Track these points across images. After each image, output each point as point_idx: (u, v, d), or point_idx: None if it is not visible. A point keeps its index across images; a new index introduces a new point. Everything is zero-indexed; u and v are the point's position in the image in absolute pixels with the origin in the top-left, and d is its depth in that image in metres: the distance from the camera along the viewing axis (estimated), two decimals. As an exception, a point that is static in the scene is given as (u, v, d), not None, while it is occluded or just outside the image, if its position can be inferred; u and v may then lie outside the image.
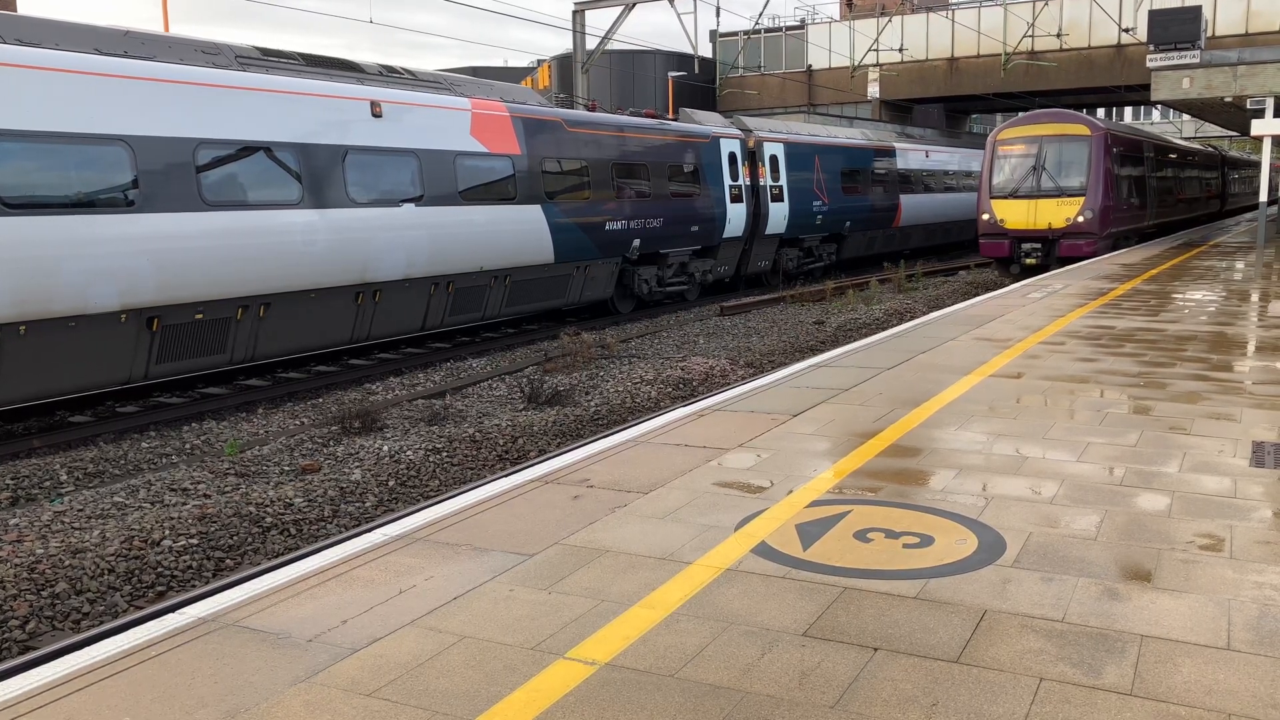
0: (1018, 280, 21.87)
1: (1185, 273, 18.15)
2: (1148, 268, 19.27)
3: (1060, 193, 23.06)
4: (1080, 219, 22.79)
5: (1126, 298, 14.40)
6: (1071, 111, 23.82)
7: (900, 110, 44.06)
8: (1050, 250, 23.20)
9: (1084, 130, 23.21)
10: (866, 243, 29.85)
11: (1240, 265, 19.60)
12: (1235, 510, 5.11)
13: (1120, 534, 4.79)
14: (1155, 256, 22.18)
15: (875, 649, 3.65)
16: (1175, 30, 21.32)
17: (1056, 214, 23.05)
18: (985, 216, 23.96)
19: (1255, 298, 14.27)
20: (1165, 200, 30.36)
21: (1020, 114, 23.83)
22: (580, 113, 19.52)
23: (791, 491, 5.52)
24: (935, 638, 3.73)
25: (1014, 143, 23.90)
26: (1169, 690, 3.32)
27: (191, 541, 7.54)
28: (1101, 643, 3.67)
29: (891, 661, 3.55)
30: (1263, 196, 24.17)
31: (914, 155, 31.77)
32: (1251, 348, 10.10)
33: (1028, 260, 23.25)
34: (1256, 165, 57.41)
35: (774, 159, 25.20)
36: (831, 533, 4.86)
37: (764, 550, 4.65)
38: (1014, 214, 23.48)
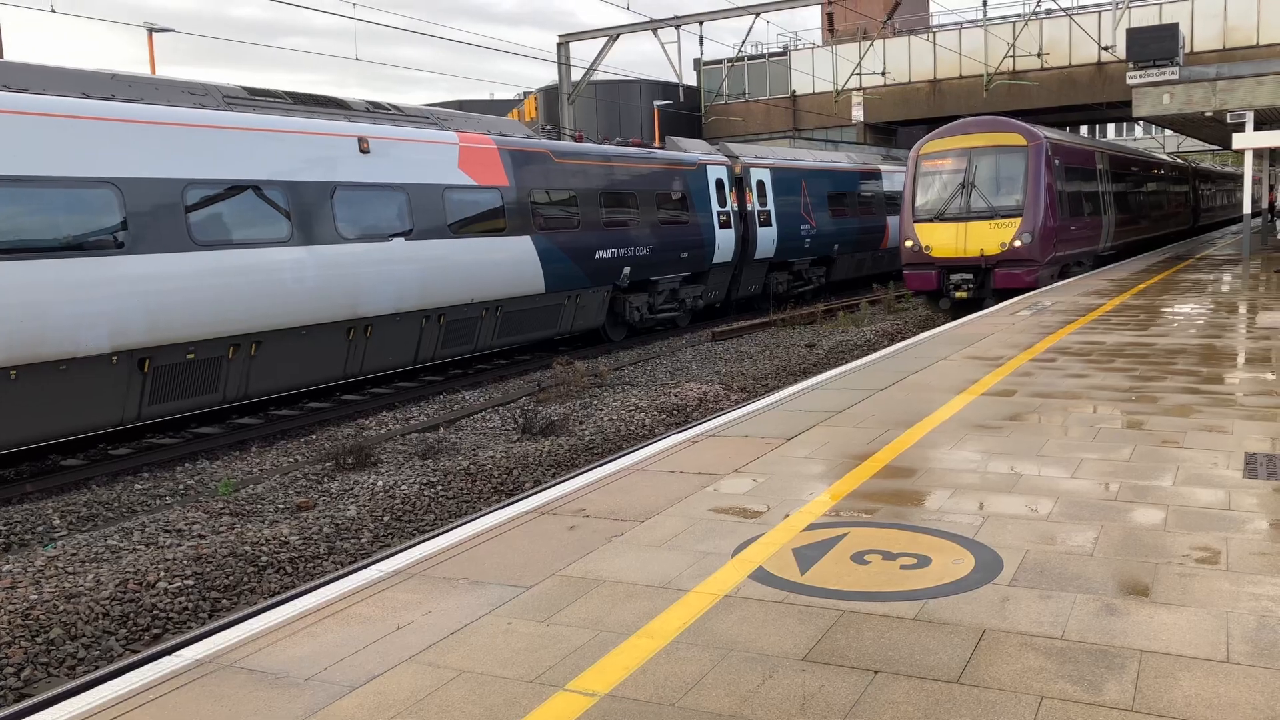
0: (952, 315, 20.35)
1: (1173, 287, 18.25)
2: (1135, 283, 19.37)
3: (994, 213, 19.79)
4: (1017, 243, 19.50)
5: (1115, 313, 14.46)
6: (1005, 119, 20.67)
7: (885, 133, 44.38)
8: (985, 281, 20.00)
9: (1019, 140, 20.05)
10: (855, 265, 29.99)
11: (1227, 278, 19.73)
12: (1230, 522, 5.12)
13: (1117, 549, 4.79)
14: (1141, 272, 22.29)
15: (875, 671, 3.64)
16: (1154, 47, 21.56)
17: (990, 238, 19.74)
18: (908, 243, 20.66)
19: (1243, 309, 14.34)
20: (1125, 219, 27.10)
21: (947, 124, 21.19)
22: (567, 144, 19.63)
23: (788, 515, 5.52)
24: (935, 658, 3.72)
25: (939, 157, 20.63)
26: (1170, 705, 3.32)
27: (187, 583, 7.50)
28: (1101, 659, 3.66)
29: (892, 684, 3.54)
30: (1246, 209, 24.34)
31: (899, 177, 31.99)
32: (1241, 359, 10.14)
33: (958, 293, 19.99)
34: (1232, 178, 57.08)
35: (761, 184, 25.34)
36: (829, 556, 4.86)
37: (762, 575, 4.64)
38: (941, 239, 20.15)
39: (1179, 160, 40.00)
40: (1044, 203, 19.72)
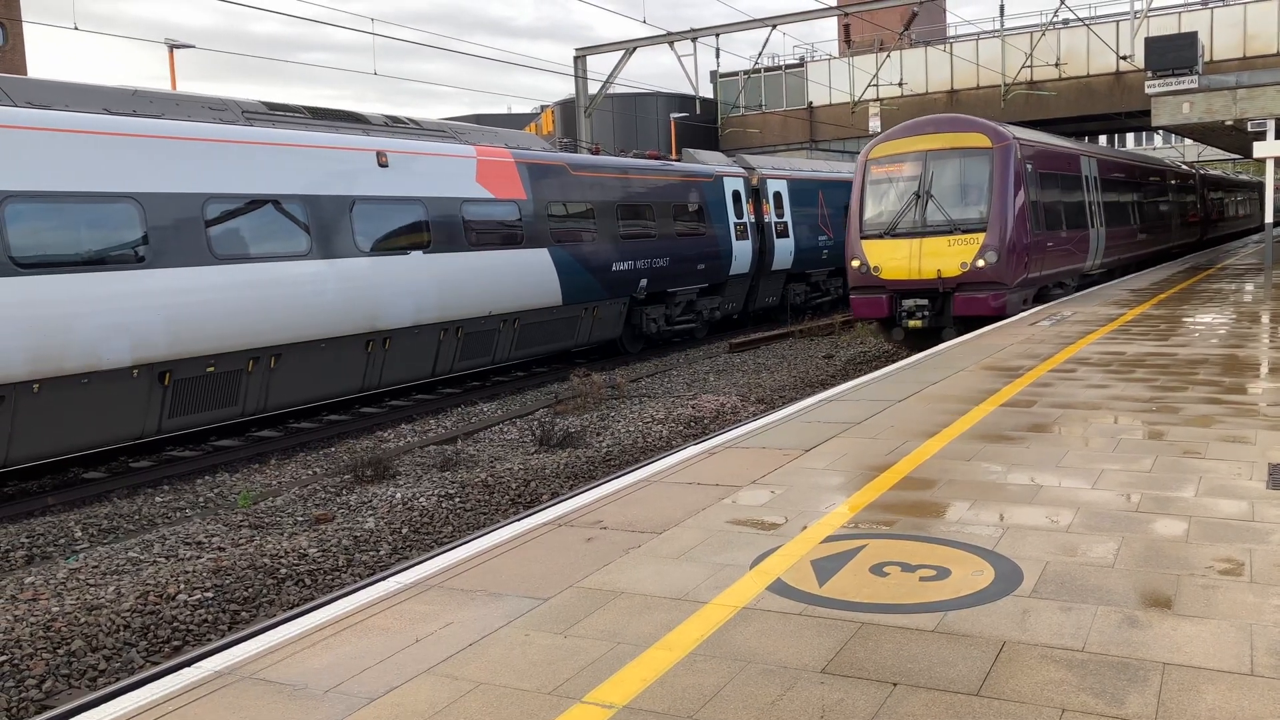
0: (907, 348, 17.82)
1: (1194, 296, 18.12)
2: (1156, 292, 19.24)
3: (953, 228, 16.70)
4: (980, 263, 16.39)
5: (1136, 323, 14.37)
6: (968, 117, 17.68)
7: (902, 143, 44.20)
8: (944, 307, 17.00)
9: (983, 141, 17.04)
10: None
11: (1249, 288, 19.57)
12: (1254, 533, 5.07)
13: (1138, 560, 4.75)
14: (1162, 281, 22.13)
15: (895, 684, 3.62)
16: (1172, 56, 21.44)
17: (948, 257, 16.65)
18: (855, 263, 17.54)
19: (1265, 319, 14.22)
20: (1119, 233, 23.86)
21: (900, 124, 18.36)
22: (584, 156, 19.69)
23: (806, 527, 5.50)
24: (955, 671, 3.70)
25: (891, 161, 17.60)
26: (1193, 718, 3.28)
27: (206, 595, 7.53)
28: (1123, 671, 3.63)
29: (912, 696, 3.52)
30: (1268, 218, 24.14)
31: None
32: (1264, 370, 10.06)
33: (911, 322, 16.96)
34: (1248, 186, 52.97)
35: (778, 195, 25.34)
36: (847, 568, 4.84)
37: (780, 587, 4.62)
38: (892, 259, 17.12)
39: (1185, 166, 35.86)
40: (1013, 215, 16.71)
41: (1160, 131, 51.32)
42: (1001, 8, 36.24)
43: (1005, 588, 4.49)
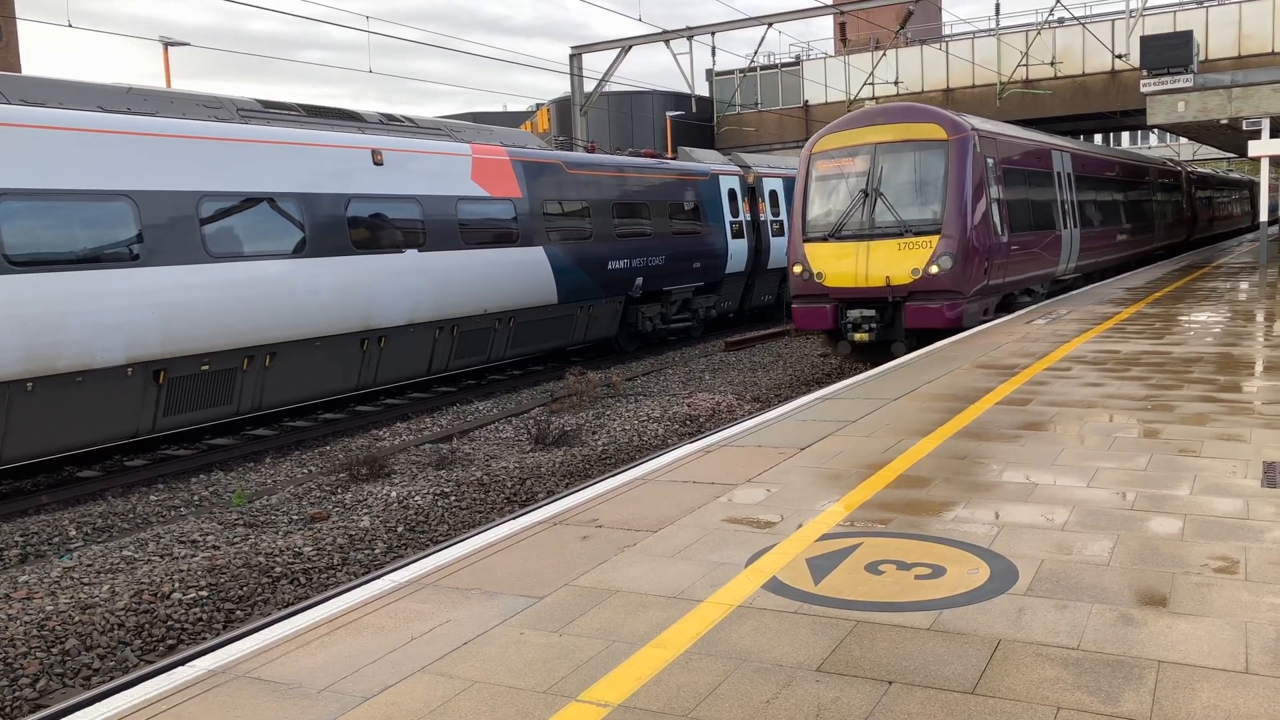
0: (865, 361, 16.53)
1: (1189, 295, 18.15)
2: (1151, 291, 19.27)
3: (904, 229, 15.10)
4: (934, 269, 14.82)
5: (1131, 321, 14.39)
6: (922, 106, 16.03)
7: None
8: (895, 318, 15.38)
9: (937, 132, 15.38)
10: None
11: (1244, 286, 19.61)
12: (1248, 532, 5.08)
13: (1133, 559, 4.76)
14: (1158, 280, 22.17)
15: (890, 683, 3.61)
16: (1168, 55, 21.46)
17: (898, 262, 15.06)
18: (797, 269, 15.94)
19: (1260, 318, 14.25)
20: (1096, 234, 22.17)
21: (848, 113, 16.59)
22: (580, 154, 19.68)
23: (801, 526, 5.50)
24: (950, 669, 3.70)
25: (837, 155, 15.98)
26: (1188, 716, 3.28)
27: (201, 594, 7.51)
28: (1118, 669, 3.63)
29: (907, 695, 3.52)
30: (1263, 216, 24.20)
31: None
32: (1259, 368, 10.07)
33: (857, 335, 15.40)
34: (1238, 185, 51.82)
35: (773, 194, 25.34)
36: (843, 566, 4.83)
37: (775, 586, 4.62)
38: (837, 264, 15.50)
39: (1170, 163, 34.37)
40: (971, 215, 15.02)
41: (1156, 130, 51.35)
42: (997, 6, 36.27)
43: (1000, 586, 4.49)
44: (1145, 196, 27.93)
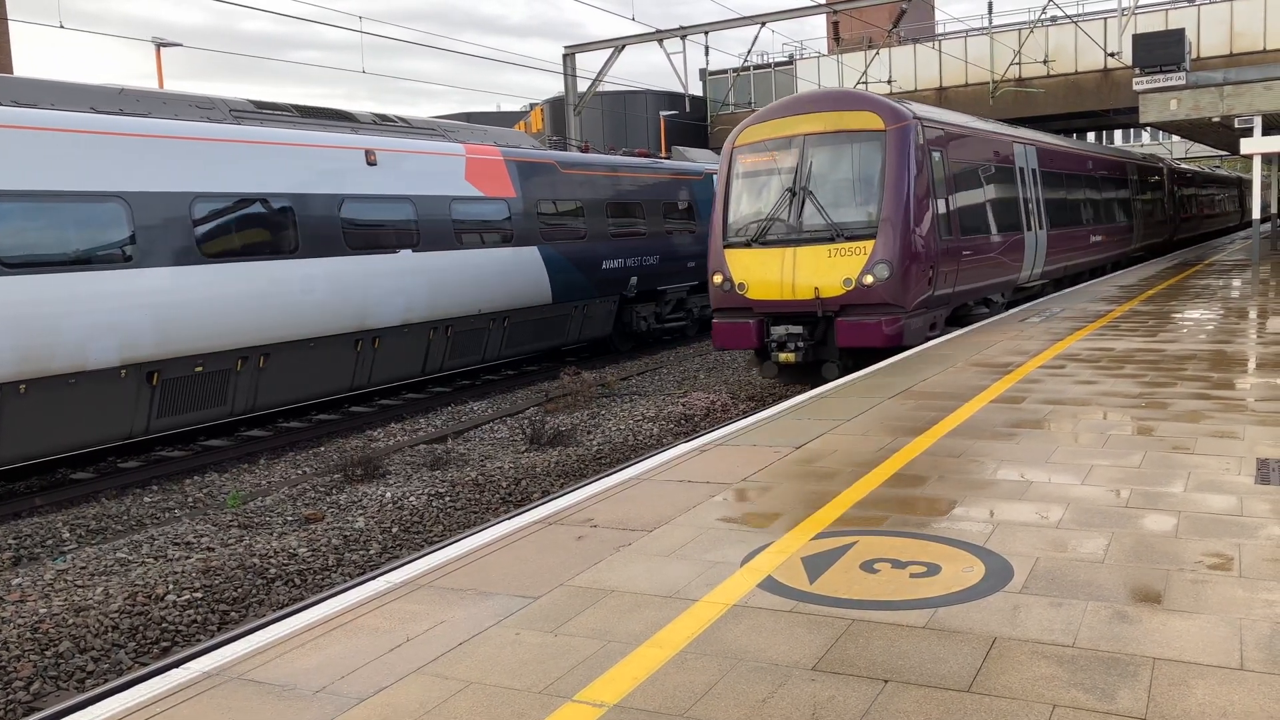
0: (785, 383, 14.93)
1: (1182, 292, 18.19)
2: (1144, 289, 19.30)
3: (835, 234, 13.23)
4: (868, 279, 12.98)
5: (1124, 319, 14.42)
6: (858, 92, 14.13)
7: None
8: (827, 335, 13.64)
9: (874, 121, 13.51)
10: None
11: (1237, 283, 19.65)
12: (1242, 528, 5.09)
13: (1128, 556, 4.76)
14: (1150, 278, 22.21)
15: (886, 681, 3.61)
16: (1160, 53, 21.51)
17: (829, 272, 13.21)
18: (717, 278, 14.10)
19: (1253, 315, 14.28)
20: (1065, 236, 20.26)
21: (775, 101, 14.67)
22: (574, 154, 19.67)
23: (797, 524, 5.50)
24: (946, 667, 3.70)
25: (761, 149, 14.12)
26: (1183, 713, 3.29)
27: (196, 595, 7.50)
28: (1113, 667, 3.64)
29: (903, 693, 3.52)
30: (1255, 214, 24.26)
31: None
32: (1252, 365, 10.10)
33: (782, 355, 13.58)
34: (1225, 182, 50.69)
35: None
36: (838, 564, 4.83)
37: (771, 585, 4.62)
38: (760, 273, 13.64)
39: (1152, 159, 32.21)
40: (913, 216, 13.21)
41: (1147, 129, 51.41)
42: (990, 5, 36.33)
43: (996, 584, 4.49)
44: (1123, 194, 26.22)
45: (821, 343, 13.65)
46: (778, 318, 13.72)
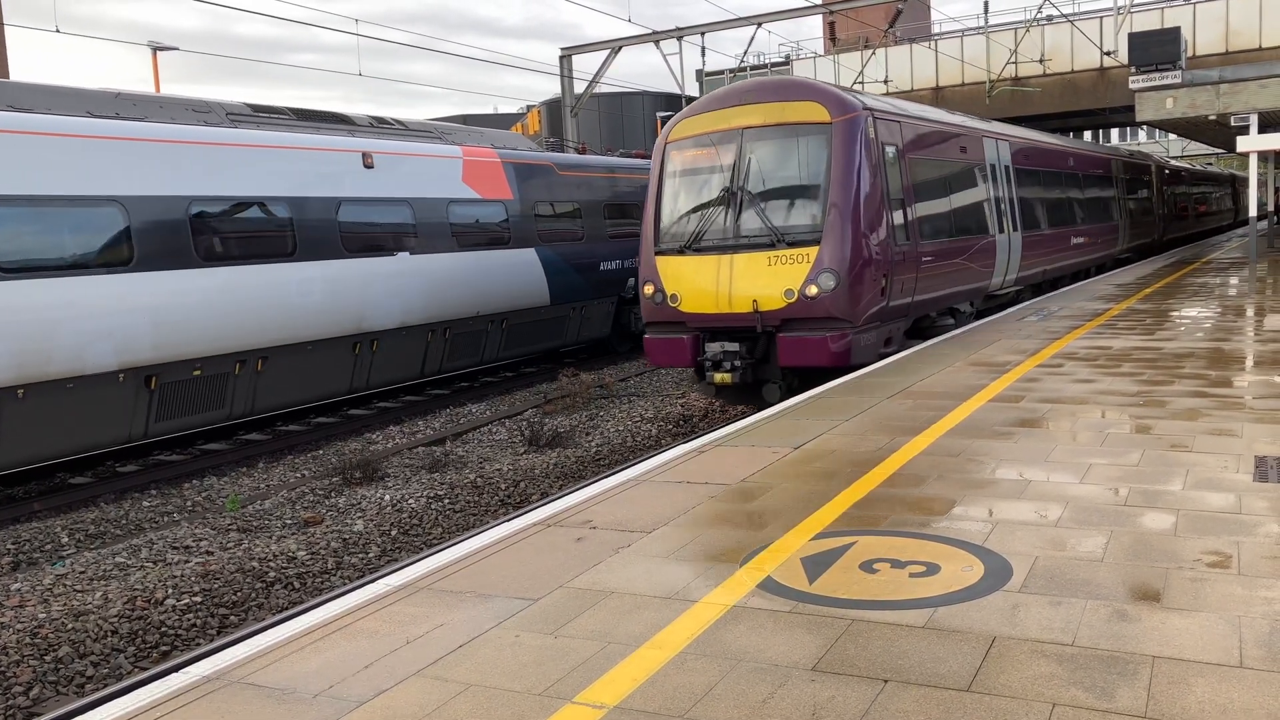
0: (726, 403, 13.50)
1: (1179, 290, 18.20)
2: (1141, 287, 19.32)
3: (775, 239, 11.93)
4: (812, 290, 11.69)
5: (1122, 317, 14.43)
6: (801, 80, 12.78)
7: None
8: (768, 352, 12.34)
9: (819, 113, 12.11)
10: None
11: (1234, 281, 19.67)
12: (1241, 526, 5.09)
13: (1127, 554, 4.77)
14: (1148, 276, 22.22)
15: (885, 681, 3.62)
16: (1155, 52, 21.52)
17: (769, 282, 11.89)
18: (648, 289, 12.79)
19: (1250, 313, 14.30)
20: (1042, 239, 18.83)
21: (711, 92, 13.58)
22: (571, 156, 19.67)
23: (796, 525, 5.50)
24: (945, 667, 3.70)
25: (694, 144, 12.78)
26: (1183, 711, 3.29)
27: (195, 599, 7.49)
28: (1113, 665, 3.64)
29: (902, 693, 3.52)
30: (1252, 212, 24.28)
31: None
32: (1249, 363, 10.11)
33: (718, 375, 12.29)
34: (1218, 179, 49.54)
35: None
36: (837, 565, 4.84)
37: (770, 585, 4.62)
38: (695, 284, 12.31)
39: (1139, 155, 30.74)
40: (863, 218, 11.84)
41: (1144, 127, 51.43)
42: (986, 4, 36.35)
43: (995, 583, 4.49)
44: (1107, 193, 24.96)
45: (764, 360, 12.36)
46: (714, 333, 12.39)
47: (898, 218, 12.71)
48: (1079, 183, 22.34)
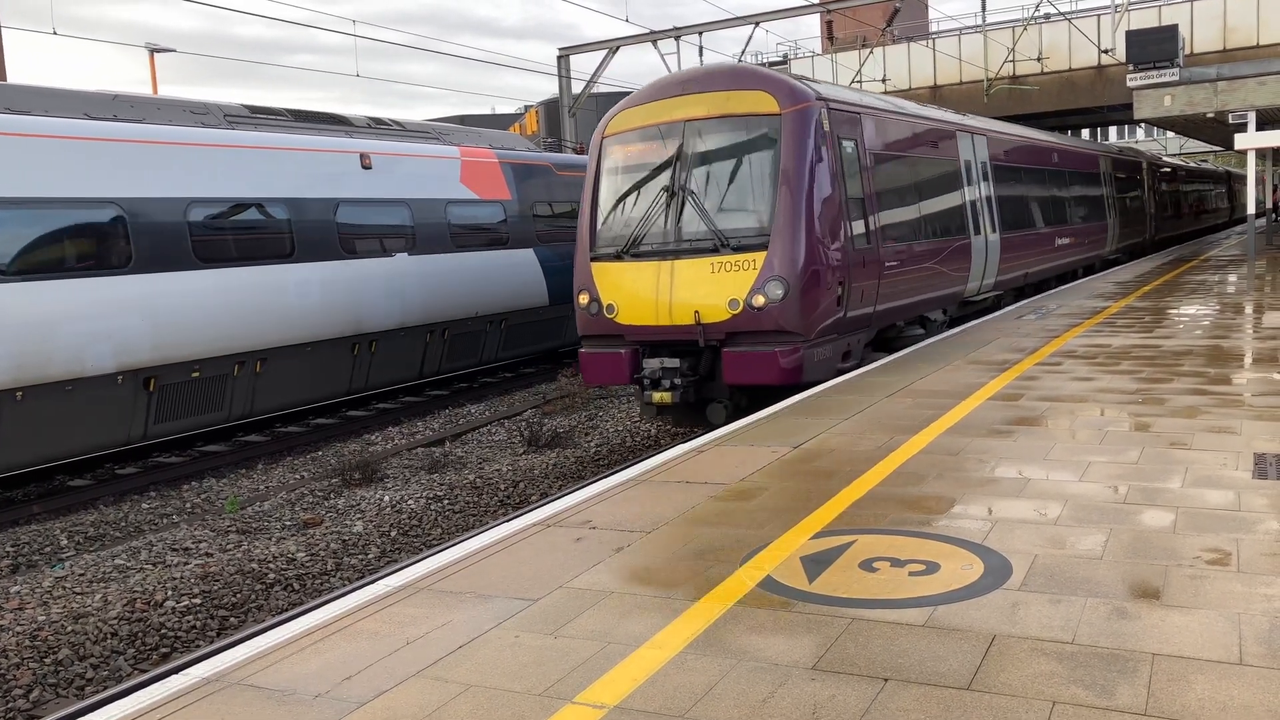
0: (670, 425, 12.75)
1: (1178, 288, 18.21)
2: (1140, 285, 19.32)
3: (719, 243, 10.76)
4: (759, 300, 10.51)
5: (1121, 315, 14.43)
6: (748, 67, 11.48)
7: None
8: (712, 368, 11.10)
9: (767, 104, 10.94)
10: None
11: (1233, 279, 19.68)
12: (1240, 523, 5.09)
13: (1127, 552, 4.77)
14: (1147, 274, 22.23)
15: (885, 679, 3.62)
16: (1153, 49, 21.52)
17: (712, 291, 10.72)
18: (583, 298, 11.50)
19: (1249, 310, 14.30)
20: (1023, 240, 17.69)
21: (652, 81, 12.01)
22: (569, 156, 19.68)
23: (795, 524, 5.50)
24: (945, 665, 3.70)
25: (632, 139, 11.54)
26: (1183, 708, 3.29)
27: (194, 601, 7.49)
28: (1113, 663, 3.64)
29: (902, 691, 3.52)
30: (1250, 209, 24.28)
31: None
32: (1248, 360, 10.11)
33: (656, 394, 10.93)
34: (1213, 177, 48.38)
35: None
36: (837, 563, 4.84)
37: (770, 584, 4.62)
38: (632, 292, 11.10)
39: (1128, 152, 29.37)
40: (815, 220, 10.70)
41: (1142, 125, 51.42)
42: (983, 3, 36.36)
43: (994, 581, 4.49)
44: (1094, 191, 23.73)
45: (709, 377, 11.12)
46: (655, 347, 11.18)
47: (857, 218, 11.57)
48: (1064, 180, 21.32)
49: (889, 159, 12.80)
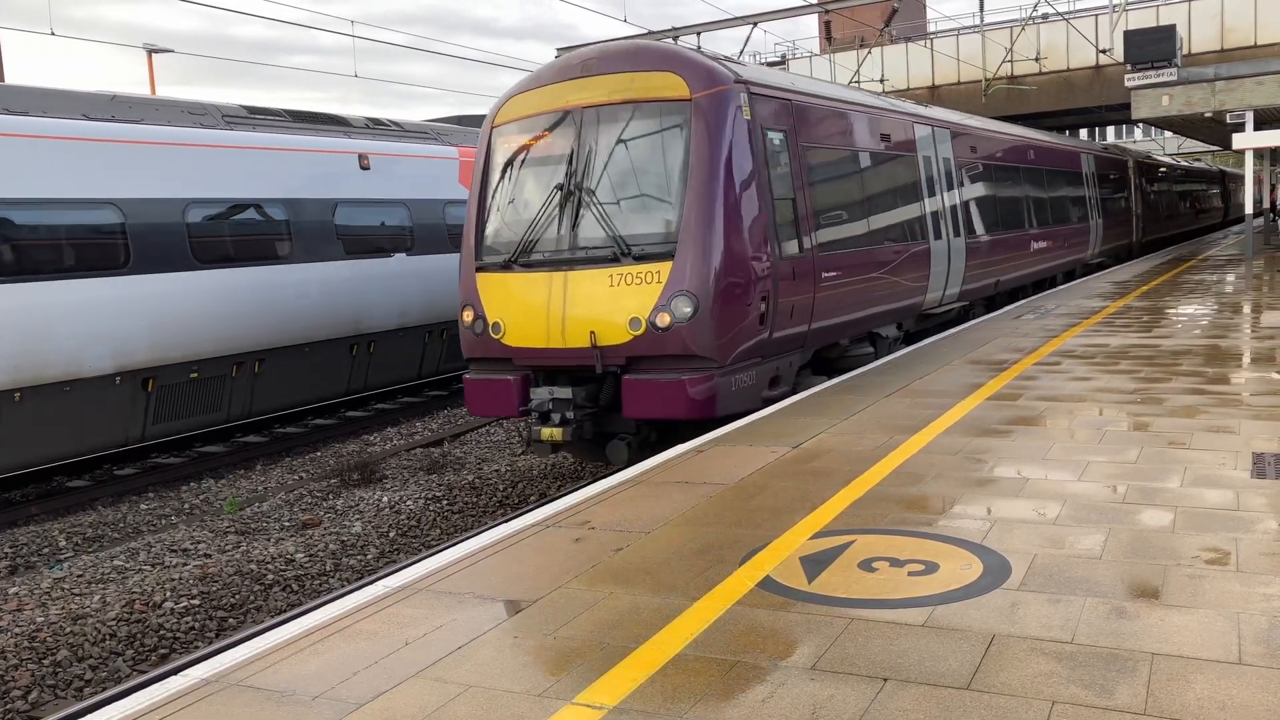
0: (571, 460, 11.54)
1: (1176, 288, 18.22)
2: (1139, 284, 19.33)
3: (619, 251, 9.20)
4: (663, 319, 8.97)
5: (1119, 315, 14.44)
6: (655, 45, 9.81)
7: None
8: (614, 397, 9.41)
9: (676, 87, 9.35)
10: None
11: (1230, 278, 19.69)
12: (1239, 523, 5.10)
13: (1126, 552, 4.77)
14: (1145, 273, 22.24)
15: (885, 679, 3.61)
16: (1151, 49, 21.53)
17: (610, 308, 9.15)
18: (467, 315, 9.84)
19: (1247, 309, 14.31)
20: (991, 244, 16.12)
21: (548, 63, 10.26)
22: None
23: (794, 524, 5.50)
24: (944, 665, 3.70)
25: (524, 129, 9.96)
26: (1182, 708, 3.29)
27: (193, 602, 7.48)
28: (1112, 662, 3.64)
29: (902, 691, 3.52)
30: (1248, 209, 24.31)
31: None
32: (1246, 359, 10.12)
33: (545, 430, 9.25)
34: (1204, 176, 47.48)
35: None
36: (836, 563, 4.84)
37: (769, 584, 4.62)
38: (520, 308, 9.51)
39: (1113, 150, 27.69)
40: (732, 224, 9.16)
41: (1140, 125, 51.45)
42: (981, 3, 36.37)
43: (994, 581, 4.49)
44: (1075, 192, 22.20)
45: (612, 408, 9.46)
46: (549, 373, 9.51)
47: (786, 222, 9.95)
48: (1041, 179, 19.53)
49: (828, 153, 11.14)
